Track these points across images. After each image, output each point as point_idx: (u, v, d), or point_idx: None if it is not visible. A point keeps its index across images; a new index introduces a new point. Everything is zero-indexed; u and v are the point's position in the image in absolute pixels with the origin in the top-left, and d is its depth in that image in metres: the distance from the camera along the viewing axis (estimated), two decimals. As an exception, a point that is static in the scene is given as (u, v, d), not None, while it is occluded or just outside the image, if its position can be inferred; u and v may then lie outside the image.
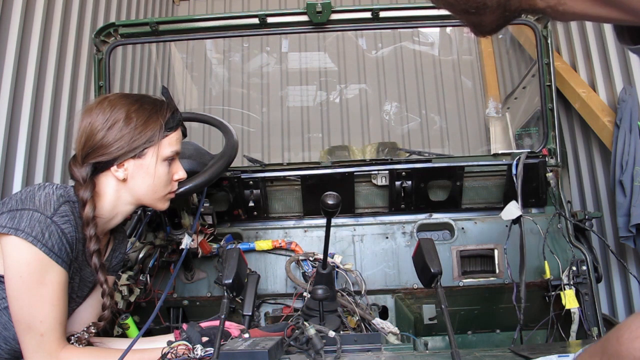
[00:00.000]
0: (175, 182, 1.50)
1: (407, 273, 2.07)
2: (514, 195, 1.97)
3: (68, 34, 3.05)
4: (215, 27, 2.21)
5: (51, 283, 1.25)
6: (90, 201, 1.33)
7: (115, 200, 1.41)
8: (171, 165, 1.46)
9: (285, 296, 2.07)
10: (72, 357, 1.30)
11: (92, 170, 1.36)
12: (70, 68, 3.02)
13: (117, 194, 1.41)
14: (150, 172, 1.41)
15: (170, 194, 1.50)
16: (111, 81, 2.29)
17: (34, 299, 1.23)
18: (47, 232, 1.23)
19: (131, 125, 1.38)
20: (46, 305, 1.24)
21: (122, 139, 1.37)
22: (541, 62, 2.21)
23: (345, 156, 3.45)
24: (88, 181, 1.35)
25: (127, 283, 1.90)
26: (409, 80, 5.00)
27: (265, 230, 2.18)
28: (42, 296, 1.24)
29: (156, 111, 1.43)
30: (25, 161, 2.52)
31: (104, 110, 1.39)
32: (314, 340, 1.29)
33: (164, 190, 1.46)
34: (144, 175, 1.40)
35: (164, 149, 1.42)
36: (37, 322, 1.24)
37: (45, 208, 1.24)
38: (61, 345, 1.29)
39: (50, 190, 1.29)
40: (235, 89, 5.09)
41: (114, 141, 1.36)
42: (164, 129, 1.42)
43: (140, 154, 1.39)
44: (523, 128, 3.19)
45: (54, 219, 1.24)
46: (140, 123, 1.39)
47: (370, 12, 2.13)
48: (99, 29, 2.21)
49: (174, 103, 1.52)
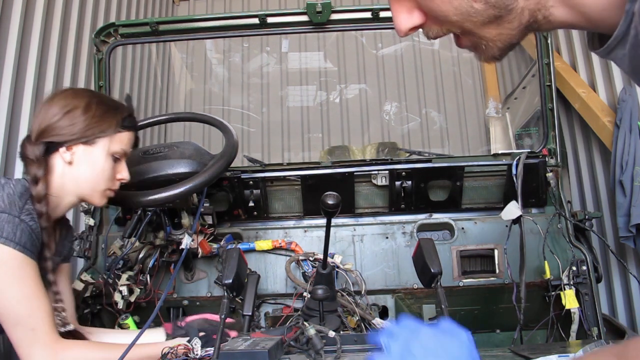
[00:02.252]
0: (118, 182, 1.54)
1: (407, 273, 2.07)
2: (514, 195, 1.97)
3: (68, 34, 3.05)
4: (215, 27, 2.21)
5: (30, 278, 1.29)
6: (42, 179, 1.38)
7: (61, 185, 1.45)
8: (117, 163, 1.51)
9: (285, 296, 2.07)
10: (69, 349, 1.32)
11: (44, 150, 1.42)
12: (70, 68, 3.02)
13: (62, 178, 1.45)
14: (96, 162, 1.46)
15: (110, 191, 1.53)
16: (111, 81, 2.29)
17: (18, 296, 1.27)
18: (17, 230, 1.28)
19: (89, 113, 1.44)
20: (31, 300, 1.28)
21: (77, 124, 1.43)
22: (541, 62, 2.20)
23: (345, 156, 3.45)
24: (41, 159, 1.40)
25: (127, 283, 1.90)
26: (409, 80, 5.00)
27: (265, 230, 2.18)
28: (24, 292, 1.28)
29: (115, 108, 1.51)
30: (25, 161, 2.52)
31: (66, 97, 1.46)
32: (313, 341, 1.29)
33: (104, 185, 1.50)
34: (89, 164, 1.46)
35: (115, 144, 1.48)
36: (25, 317, 1.27)
37: (12, 209, 1.29)
38: (55, 336, 1.32)
39: (10, 190, 1.33)
40: (235, 89, 5.09)
41: (70, 125, 1.43)
42: (120, 126, 1.49)
43: (91, 142, 1.45)
44: (523, 128, 3.19)
45: (22, 218, 1.29)
46: (97, 114, 1.46)
47: (370, 12, 2.13)
48: (99, 29, 2.21)
49: (133, 108, 1.59)
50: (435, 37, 0.80)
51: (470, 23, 0.74)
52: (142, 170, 1.73)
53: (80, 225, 2.91)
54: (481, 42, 0.78)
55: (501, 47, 0.78)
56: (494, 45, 0.77)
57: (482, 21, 0.74)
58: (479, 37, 0.77)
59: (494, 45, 0.77)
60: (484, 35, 0.76)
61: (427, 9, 0.76)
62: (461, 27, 0.76)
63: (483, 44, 0.78)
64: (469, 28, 0.76)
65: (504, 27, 0.75)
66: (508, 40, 0.77)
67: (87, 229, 2.17)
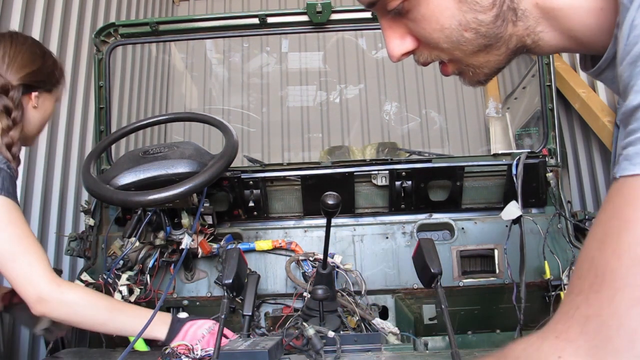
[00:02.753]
0: None
1: (407, 273, 2.06)
2: (514, 195, 1.97)
3: (68, 34, 3.05)
4: (215, 27, 2.21)
5: (19, 220, 1.36)
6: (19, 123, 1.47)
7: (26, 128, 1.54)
8: None
9: (285, 296, 2.07)
10: (73, 288, 1.38)
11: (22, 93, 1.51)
12: (70, 68, 3.02)
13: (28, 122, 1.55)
14: (48, 109, 1.62)
15: None
16: (111, 81, 2.29)
17: (10, 237, 1.32)
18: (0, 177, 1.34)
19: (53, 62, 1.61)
20: (22, 239, 1.33)
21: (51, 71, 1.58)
22: (541, 62, 2.20)
23: (345, 156, 3.45)
24: (19, 104, 1.48)
25: (127, 283, 1.90)
26: (409, 80, 5.00)
27: (265, 230, 2.18)
28: (16, 233, 1.33)
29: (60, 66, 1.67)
30: (25, 161, 2.52)
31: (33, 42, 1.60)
32: (313, 341, 1.29)
33: (42, 129, 1.65)
34: (44, 109, 1.60)
35: (61, 94, 1.67)
36: (20, 255, 1.32)
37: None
38: (53, 275, 1.35)
39: None
40: (235, 88, 5.09)
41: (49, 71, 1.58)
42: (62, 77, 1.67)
43: (54, 90, 1.61)
44: (523, 128, 3.19)
45: (1, 166, 1.36)
46: (57, 66, 1.63)
47: (371, 12, 2.13)
48: (99, 29, 2.21)
49: None
50: (424, 62, 0.82)
51: (459, 51, 0.76)
52: (142, 170, 1.73)
53: (80, 225, 2.91)
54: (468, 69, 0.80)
55: (487, 73, 0.80)
56: (480, 72, 0.80)
57: (472, 50, 0.76)
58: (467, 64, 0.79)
59: (481, 72, 0.79)
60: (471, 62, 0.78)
61: (419, 36, 0.78)
62: (451, 55, 0.78)
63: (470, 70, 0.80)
64: (458, 56, 0.78)
65: (492, 54, 0.77)
66: (495, 65, 0.79)
67: (87, 229, 2.17)
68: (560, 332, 0.64)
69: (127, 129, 2.05)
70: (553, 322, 0.66)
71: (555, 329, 0.65)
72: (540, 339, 0.67)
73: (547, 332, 0.67)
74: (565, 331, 0.63)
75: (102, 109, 2.25)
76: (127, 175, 1.72)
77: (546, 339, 0.66)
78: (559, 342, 0.63)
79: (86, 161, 1.82)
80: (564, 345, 0.63)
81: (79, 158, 3.05)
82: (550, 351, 0.64)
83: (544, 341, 0.66)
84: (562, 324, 0.64)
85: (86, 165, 1.78)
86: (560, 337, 0.64)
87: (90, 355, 1.72)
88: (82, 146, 3.12)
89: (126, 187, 1.70)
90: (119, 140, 2.15)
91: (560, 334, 0.64)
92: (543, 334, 0.67)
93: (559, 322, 0.65)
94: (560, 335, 0.64)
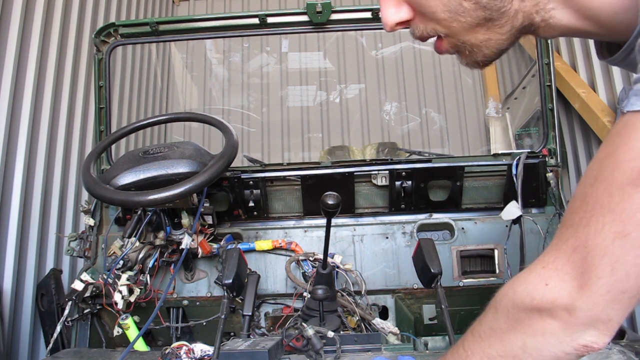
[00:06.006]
0: None
1: (407, 273, 2.06)
2: (514, 195, 1.97)
3: (68, 34, 3.05)
4: (215, 27, 2.21)
5: None
6: None
7: None
8: None
9: (285, 296, 2.07)
10: None
11: None
12: (70, 68, 3.02)
13: None
14: None
15: None
16: (111, 81, 2.29)
17: None
18: None
19: None
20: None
21: None
22: (541, 62, 2.20)
23: (345, 156, 3.45)
24: None
25: (127, 283, 1.90)
26: (409, 80, 5.00)
27: (265, 230, 2.18)
28: None
29: None
30: (25, 161, 2.52)
31: None
32: (313, 341, 1.29)
33: None
34: None
35: None
36: None
37: None
38: None
39: None
40: (235, 88, 5.09)
41: None
42: None
43: None
44: (523, 128, 3.19)
45: None
46: None
47: (370, 12, 2.13)
48: (99, 29, 2.21)
49: None
50: (420, 36, 0.78)
51: (457, 23, 0.71)
52: (142, 170, 1.73)
53: (80, 225, 2.91)
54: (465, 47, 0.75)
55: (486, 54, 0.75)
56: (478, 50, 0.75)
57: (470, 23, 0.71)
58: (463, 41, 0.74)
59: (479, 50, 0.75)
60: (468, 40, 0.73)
61: (415, 5, 0.74)
62: (448, 28, 0.73)
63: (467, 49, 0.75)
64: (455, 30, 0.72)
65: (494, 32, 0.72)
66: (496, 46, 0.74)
67: (87, 229, 2.17)
68: (547, 263, 0.68)
69: (127, 129, 2.05)
70: (542, 255, 0.70)
71: (542, 261, 0.69)
72: (526, 271, 0.72)
73: (534, 265, 0.71)
74: (552, 262, 0.67)
75: (102, 109, 2.25)
76: (127, 175, 1.72)
77: (533, 270, 0.70)
78: (545, 271, 0.68)
79: (86, 161, 1.81)
80: (551, 274, 0.67)
81: (79, 158, 3.05)
82: (536, 281, 0.68)
83: (531, 273, 0.70)
84: (549, 255, 0.68)
85: (86, 165, 1.77)
86: (547, 267, 0.68)
87: (90, 355, 1.72)
88: (82, 146, 3.12)
89: (126, 187, 1.69)
90: (119, 140, 2.15)
91: (548, 264, 0.68)
92: (530, 267, 0.71)
93: (547, 254, 0.69)
94: (547, 265, 0.68)
